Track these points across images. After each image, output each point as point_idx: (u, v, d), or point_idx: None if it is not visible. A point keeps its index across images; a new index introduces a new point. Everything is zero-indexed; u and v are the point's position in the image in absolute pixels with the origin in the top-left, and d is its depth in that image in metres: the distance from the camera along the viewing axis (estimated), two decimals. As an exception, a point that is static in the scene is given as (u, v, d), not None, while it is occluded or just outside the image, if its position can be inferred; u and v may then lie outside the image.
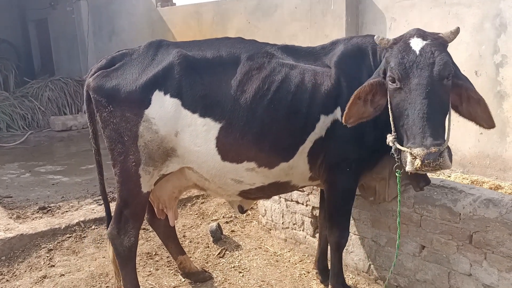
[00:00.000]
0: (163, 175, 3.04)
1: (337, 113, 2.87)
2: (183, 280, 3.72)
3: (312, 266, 3.83)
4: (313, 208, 3.98)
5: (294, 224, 4.18)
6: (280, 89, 2.85)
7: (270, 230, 4.45)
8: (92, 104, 2.95)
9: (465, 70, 3.82)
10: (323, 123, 2.89)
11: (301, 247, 4.13)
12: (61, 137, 9.10)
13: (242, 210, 3.57)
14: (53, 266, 3.86)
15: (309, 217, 4.03)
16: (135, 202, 3.01)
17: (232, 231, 4.53)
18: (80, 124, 9.68)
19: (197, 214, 4.82)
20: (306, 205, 4.04)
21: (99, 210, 4.62)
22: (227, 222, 4.67)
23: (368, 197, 3.41)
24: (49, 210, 4.85)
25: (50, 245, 4.09)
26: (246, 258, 4.06)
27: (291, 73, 2.90)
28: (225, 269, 3.90)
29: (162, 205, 3.44)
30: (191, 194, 5.02)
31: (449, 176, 4.66)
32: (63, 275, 3.72)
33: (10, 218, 4.48)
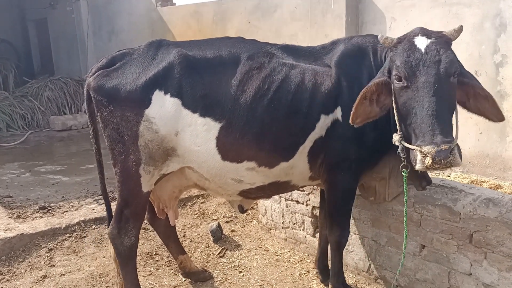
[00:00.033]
0: (164, 175, 3.04)
1: (337, 113, 2.88)
2: (184, 280, 3.73)
3: (313, 266, 3.83)
4: (313, 208, 3.98)
5: (294, 224, 4.18)
6: (280, 89, 2.85)
7: (270, 230, 4.46)
8: (93, 104, 2.95)
9: (465, 70, 3.82)
10: (323, 123, 2.89)
11: (301, 247, 4.13)
12: (61, 137, 9.10)
13: (242, 210, 3.57)
14: (54, 266, 3.86)
15: (309, 217, 4.03)
16: (136, 202, 3.02)
17: (232, 231, 4.53)
18: (80, 124, 9.68)
19: (197, 214, 4.82)
20: (306, 205, 4.04)
21: (99, 210, 4.62)
22: (227, 222, 4.67)
23: (368, 197, 3.41)
24: (49, 210, 4.85)
25: (51, 245, 4.09)
26: (247, 258, 4.07)
27: (291, 73, 2.90)
28: (226, 269, 3.90)
29: (163, 205, 3.44)
30: (191, 194, 5.03)
31: (449, 176, 4.67)
32: (64, 275, 3.73)
33: (10, 218, 4.48)
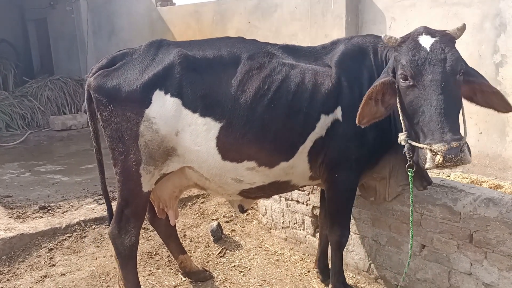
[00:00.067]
0: (164, 175, 3.04)
1: (338, 113, 2.88)
2: (184, 280, 3.73)
3: (313, 265, 3.84)
4: (314, 208, 3.98)
5: (295, 224, 4.18)
6: (281, 89, 2.85)
7: (271, 230, 4.46)
8: (93, 104, 2.95)
9: (465, 70, 3.82)
10: (324, 123, 2.89)
11: (302, 247, 4.14)
12: (61, 137, 9.09)
13: (243, 210, 3.57)
14: (54, 266, 3.86)
15: (310, 217, 4.03)
16: (136, 202, 3.02)
17: (233, 231, 4.53)
18: (80, 124, 9.68)
19: (198, 214, 4.82)
20: (307, 205, 4.04)
21: (100, 210, 4.63)
22: (228, 222, 4.67)
23: (369, 197, 3.41)
24: (50, 210, 4.85)
25: (51, 245, 4.09)
26: (247, 258, 4.07)
27: (292, 73, 2.90)
28: (226, 269, 3.90)
29: (163, 205, 3.44)
30: (192, 194, 5.03)
31: (449, 176, 4.67)
32: (64, 275, 3.73)
33: (11, 218, 4.48)
